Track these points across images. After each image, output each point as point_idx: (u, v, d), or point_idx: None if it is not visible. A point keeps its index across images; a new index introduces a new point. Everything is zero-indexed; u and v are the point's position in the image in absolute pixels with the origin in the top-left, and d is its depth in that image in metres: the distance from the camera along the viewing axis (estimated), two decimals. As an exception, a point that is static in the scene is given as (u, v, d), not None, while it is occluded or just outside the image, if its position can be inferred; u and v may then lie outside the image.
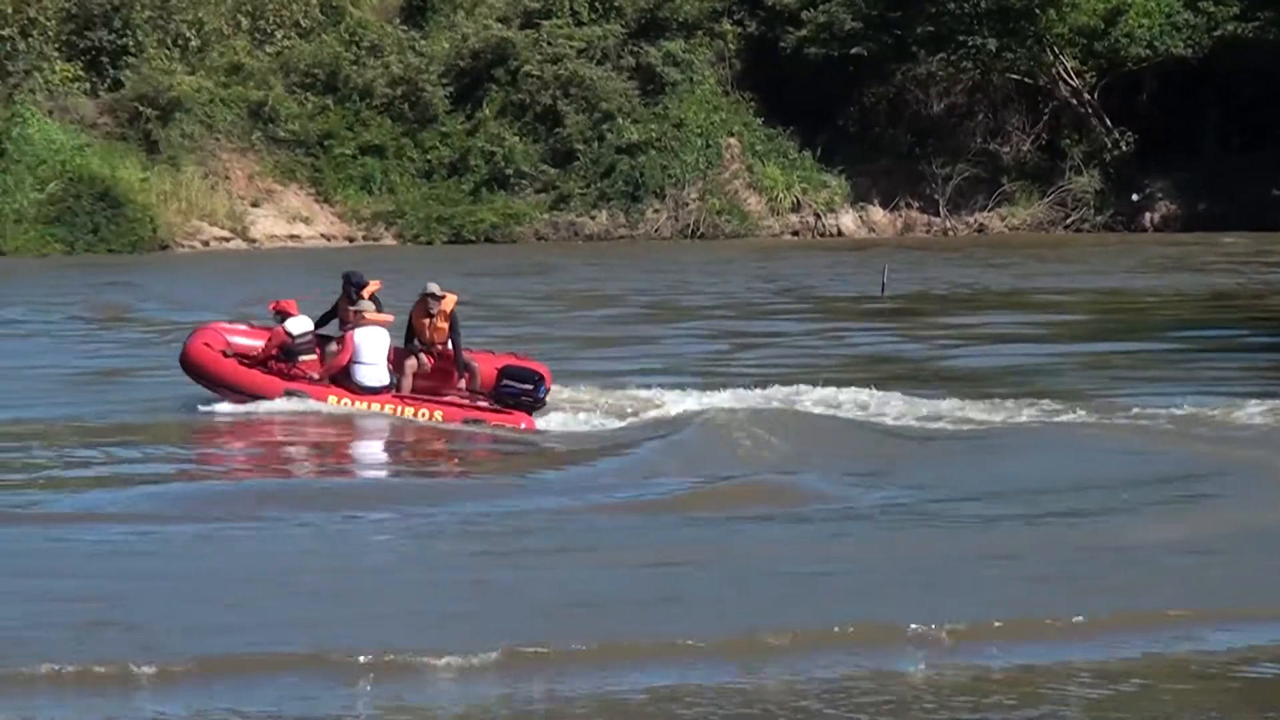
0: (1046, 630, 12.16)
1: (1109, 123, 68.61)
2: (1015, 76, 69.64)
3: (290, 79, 67.78)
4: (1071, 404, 22.18)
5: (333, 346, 22.90)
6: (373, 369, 22.37)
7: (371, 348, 22.45)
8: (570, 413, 22.68)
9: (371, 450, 21.46)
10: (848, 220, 69.13)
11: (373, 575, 13.98)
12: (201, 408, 22.41)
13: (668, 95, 69.13)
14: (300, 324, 22.69)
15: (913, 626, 11.89)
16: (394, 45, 68.59)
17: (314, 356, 22.66)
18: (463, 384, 22.84)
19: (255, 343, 22.86)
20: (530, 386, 22.28)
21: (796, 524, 15.84)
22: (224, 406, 22.29)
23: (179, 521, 15.95)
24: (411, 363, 22.73)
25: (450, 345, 22.92)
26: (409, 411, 22.13)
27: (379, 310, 22.86)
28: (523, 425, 21.92)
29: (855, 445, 19.94)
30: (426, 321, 22.91)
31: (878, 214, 69.41)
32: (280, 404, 22.20)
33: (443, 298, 22.89)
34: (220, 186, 65.00)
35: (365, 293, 22.93)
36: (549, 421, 22.30)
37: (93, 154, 62.45)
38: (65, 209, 60.11)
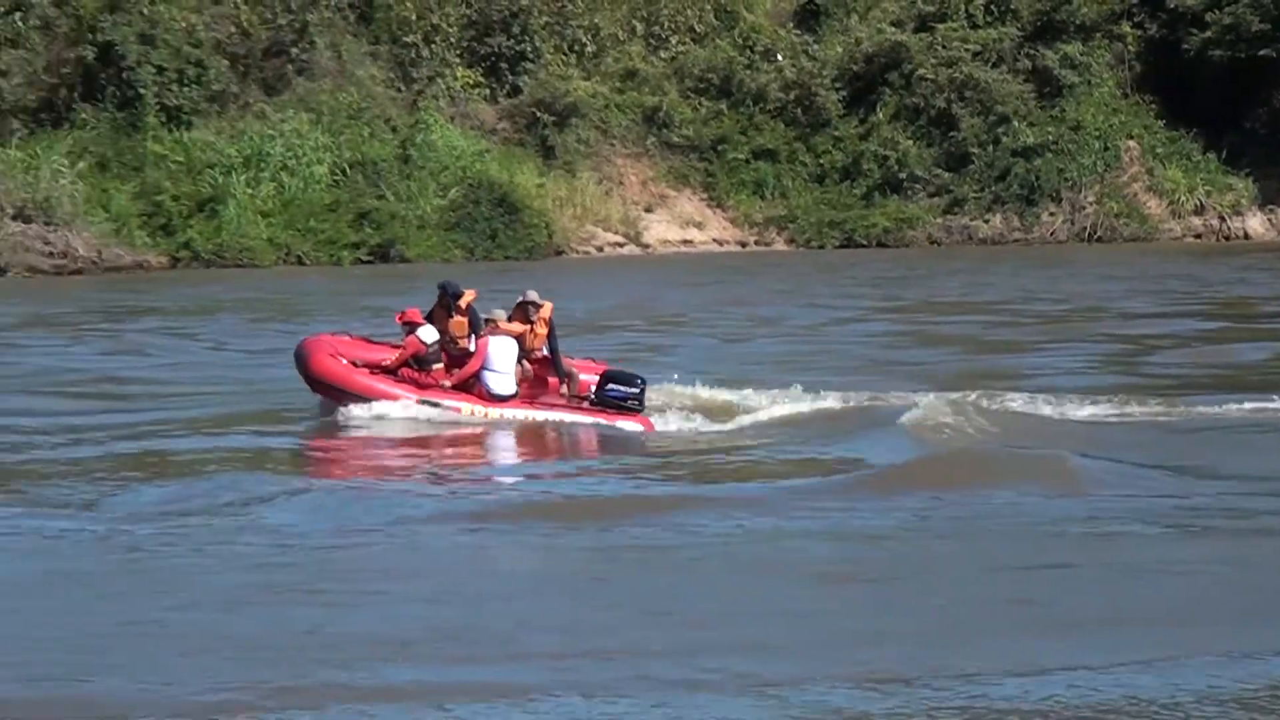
0: None
1: None
2: None
3: (684, 84, 68.14)
4: None
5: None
6: (503, 377, 22.35)
7: (502, 356, 22.41)
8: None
9: (614, 458, 20.63)
10: (1255, 223, 67.09)
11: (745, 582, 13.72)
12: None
13: (1064, 98, 67.97)
14: (430, 333, 22.59)
15: None
16: (787, 49, 68.56)
17: (441, 365, 22.57)
18: (564, 390, 22.91)
19: (364, 354, 22.73)
20: (636, 390, 22.27)
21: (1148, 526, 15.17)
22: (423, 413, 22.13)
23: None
24: (518, 370, 22.69)
25: (548, 351, 22.95)
26: (541, 418, 22.18)
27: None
28: (643, 429, 21.98)
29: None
30: (526, 328, 22.86)
31: (1289, 217, 67.31)
32: (418, 411, 22.03)
33: (541, 305, 22.93)
34: (614, 192, 65.56)
35: (462, 303, 22.77)
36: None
37: (492, 160, 63.45)
38: (465, 215, 61.16)
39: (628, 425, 22.00)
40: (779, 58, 68.32)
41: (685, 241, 65.69)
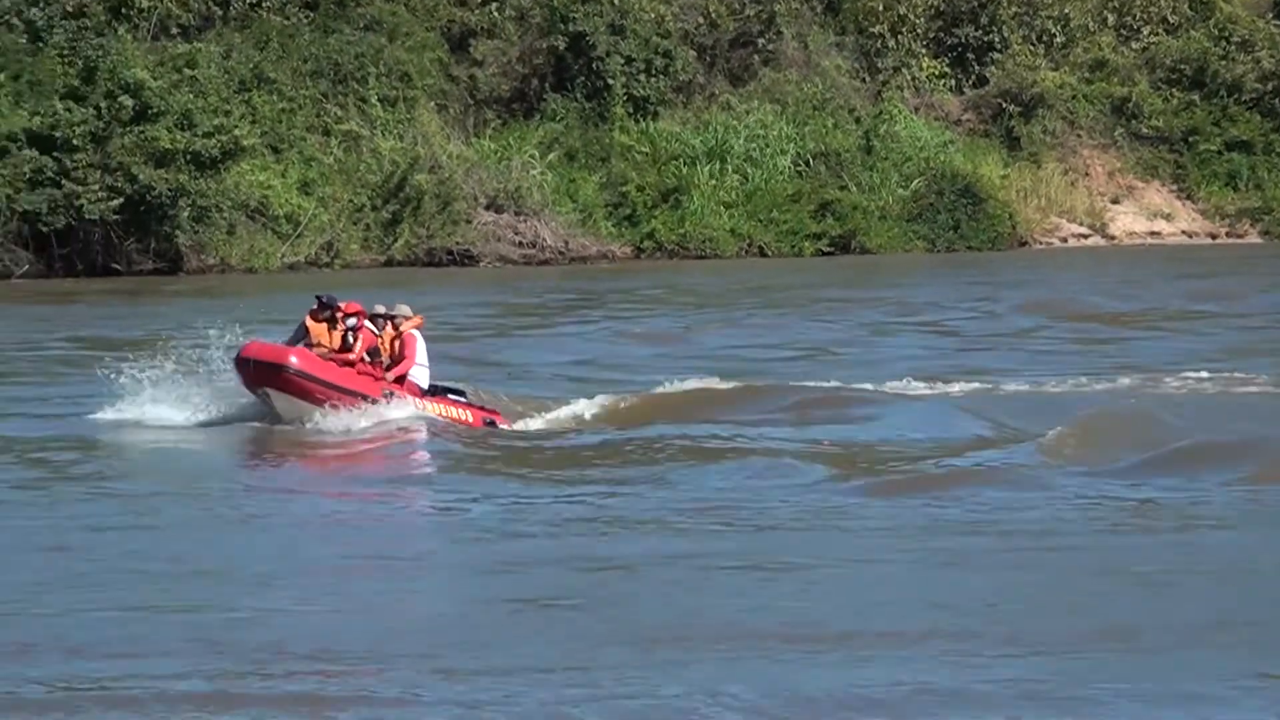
0: None
1: None
2: None
3: (1155, 75, 66.86)
4: None
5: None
6: (426, 371, 22.98)
7: (423, 351, 22.95)
8: None
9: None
10: None
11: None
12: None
13: None
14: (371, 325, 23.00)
15: None
16: (1265, 40, 66.75)
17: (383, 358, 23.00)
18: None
19: None
20: (464, 399, 23.34)
21: None
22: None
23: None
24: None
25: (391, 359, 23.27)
26: (455, 413, 22.87)
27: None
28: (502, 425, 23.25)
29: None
30: (394, 335, 23.09)
31: None
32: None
33: (408, 318, 23.15)
34: (1080, 183, 64.78)
35: (341, 315, 22.87)
36: None
37: (956, 151, 63.16)
38: (928, 205, 61.06)
39: (496, 421, 23.15)
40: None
41: (1152, 233, 64.70)
